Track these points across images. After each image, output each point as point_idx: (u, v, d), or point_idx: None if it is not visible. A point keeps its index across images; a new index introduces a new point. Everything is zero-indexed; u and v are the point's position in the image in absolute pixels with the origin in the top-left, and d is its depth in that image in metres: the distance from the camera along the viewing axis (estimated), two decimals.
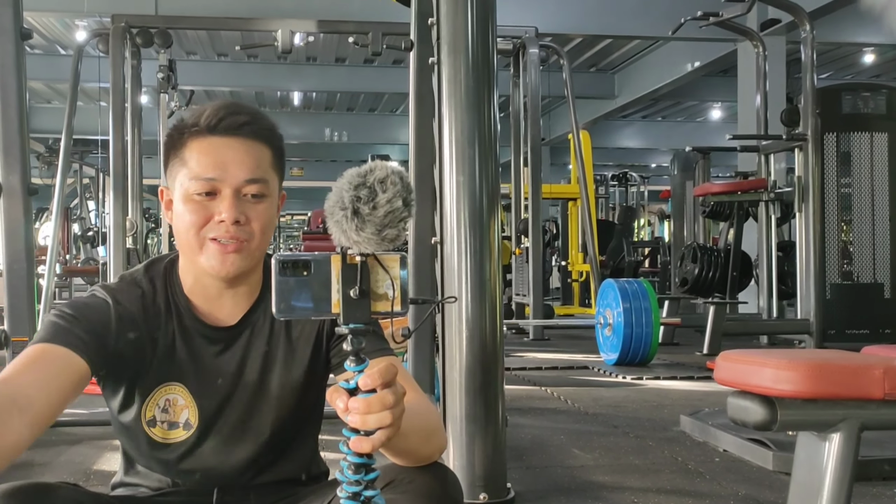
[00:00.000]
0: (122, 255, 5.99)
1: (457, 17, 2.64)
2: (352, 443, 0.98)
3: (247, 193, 1.28)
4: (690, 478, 2.97)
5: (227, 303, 1.34)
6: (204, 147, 1.28)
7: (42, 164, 11.94)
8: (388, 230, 0.95)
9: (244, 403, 1.32)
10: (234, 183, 1.27)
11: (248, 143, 1.29)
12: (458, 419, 2.59)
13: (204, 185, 1.26)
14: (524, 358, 6.38)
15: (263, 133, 1.31)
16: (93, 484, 2.81)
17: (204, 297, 1.34)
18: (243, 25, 7.44)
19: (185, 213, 1.27)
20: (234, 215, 1.26)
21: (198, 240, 1.27)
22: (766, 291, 6.99)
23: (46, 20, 10.88)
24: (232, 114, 1.29)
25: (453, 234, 2.63)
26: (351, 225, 0.94)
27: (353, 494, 1.00)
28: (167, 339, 1.32)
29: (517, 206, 8.12)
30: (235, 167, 1.27)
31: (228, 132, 1.28)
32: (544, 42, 7.84)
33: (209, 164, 1.27)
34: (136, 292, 1.33)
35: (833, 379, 1.42)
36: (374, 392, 0.97)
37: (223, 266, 1.27)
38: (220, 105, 1.30)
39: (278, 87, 14.41)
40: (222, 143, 1.28)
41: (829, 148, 5.96)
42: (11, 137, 2.96)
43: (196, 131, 1.28)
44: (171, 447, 1.32)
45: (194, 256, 1.29)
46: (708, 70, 11.71)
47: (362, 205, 0.94)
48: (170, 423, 1.31)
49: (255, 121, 1.30)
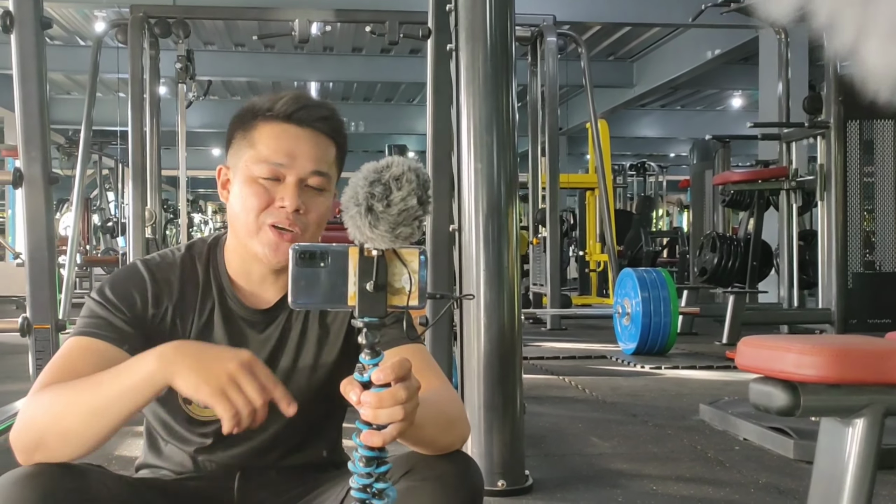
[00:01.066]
0: (141, 245, 6.03)
1: (475, 4, 2.63)
2: (363, 436, 0.98)
3: (309, 184, 1.30)
4: (710, 466, 2.96)
5: (268, 286, 1.36)
6: (276, 132, 1.30)
7: (62, 155, 12.00)
8: (402, 228, 0.94)
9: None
10: (300, 172, 1.29)
11: (318, 136, 1.31)
12: (476, 408, 2.59)
13: (270, 169, 1.28)
14: (542, 347, 6.37)
15: (334, 130, 1.34)
16: (114, 469, 2.83)
17: (246, 279, 1.36)
18: (260, 15, 7.46)
19: (247, 196, 1.29)
20: (296, 203, 1.27)
21: (256, 223, 1.29)
22: (786, 281, 6.94)
23: (66, 11, 10.94)
24: (307, 106, 1.31)
25: (471, 222, 2.63)
26: (364, 221, 0.94)
27: (364, 486, 0.99)
28: (205, 317, 1.34)
29: (535, 196, 8.10)
30: (303, 157, 1.29)
31: (302, 123, 1.30)
32: (562, 30, 7.79)
33: (279, 149, 1.29)
34: (175, 269, 1.35)
35: (858, 364, 1.40)
36: (387, 386, 0.97)
37: (275, 254, 1.29)
38: (296, 94, 1.32)
39: (295, 78, 14.42)
40: (294, 132, 1.30)
41: (851, 136, 5.90)
42: (33, 127, 2.97)
43: (270, 116, 1.30)
44: (207, 423, 1.33)
45: (248, 239, 1.30)
46: (728, 58, 11.59)
47: (376, 202, 0.93)
48: None
49: (329, 117, 1.33)
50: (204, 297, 1.35)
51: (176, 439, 1.37)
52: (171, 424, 1.36)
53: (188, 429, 1.35)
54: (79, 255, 9.49)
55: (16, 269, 11.08)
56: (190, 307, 1.34)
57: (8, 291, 10.67)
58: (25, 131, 2.95)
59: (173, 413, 1.35)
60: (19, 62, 2.91)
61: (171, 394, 1.31)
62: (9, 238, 16.15)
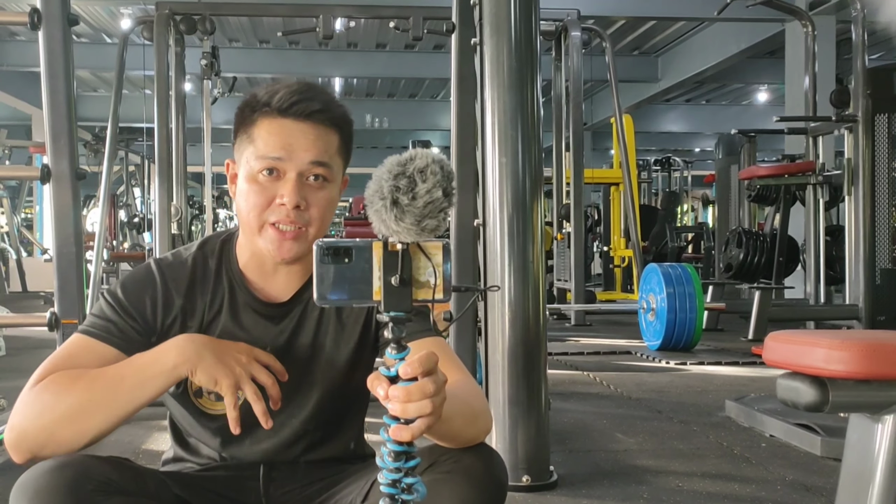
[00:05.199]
0: (167, 241, 6.06)
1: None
2: (392, 431, 0.98)
3: (310, 177, 1.29)
4: (736, 463, 2.94)
5: (281, 279, 1.36)
6: (274, 127, 1.29)
7: (89, 151, 12.13)
8: (428, 220, 0.94)
9: (292, 378, 1.34)
10: (299, 165, 1.28)
11: (317, 127, 1.30)
12: (500, 403, 2.58)
13: (269, 163, 1.28)
14: (566, 343, 6.35)
15: (335, 120, 1.32)
16: (141, 462, 2.85)
17: (259, 273, 1.36)
18: (285, 11, 7.46)
19: (249, 193, 1.29)
20: (296, 199, 1.27)
21: (258, 222, 1.29)
22: (813, 276, 6.86)
23: (92, 9, 11.04)
24: (305, 99, 1.29)
25: (496, 217, 2.62)
26: (390, 215, 0.93)
27: (393, 482, 0.99)
28: (217, 312, 1.34)
29: (559, 192, 8.06)
30: (302, 150, 1.28)
31: (299, 116, 1.29)
32: (587, 25, 7.75)
33: (276, 144, 1.28)
34: (186, 268, 1.35)
35: (888, 359, 1.38)
36: (414, 380, 0.97)
37: (279, 252, 1.29)
38: (294, 87, 1.30)
39: (320, 74, 14.46)
40: (292, 126, 1.29)
41: (879, 130, 5.81)
42: (60, 124, 2.99)
43: (267, 111, 1.29)
44: (219, 418, 1.33)
45: (253, 237, 1.31)
46: (754, 52, 11.49)
47: (401, 195, 0.93)
48: (217, 395, 1.32)
49: (327, 108, 1.31)
50: (215, 291, 1.35)
51: (196, 433, 1.38)
52: (189, 418, 1.37)
53: (201, 423, 1.36)
54: (105, 251, 9.57)
55: (44, 265, 11.22)
56: (200, 303, 1.34)
57: (37, 287, 10.80)
58: (53, 128, 2.97)
59: (187, 407, 1.36)
60: (47, 59, 2.93)
61: (182, 389, 1.32)
62: (37, 234, 16.33)
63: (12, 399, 1.25)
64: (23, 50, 12.22)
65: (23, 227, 14.50)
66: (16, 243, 11.82)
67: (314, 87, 1.33)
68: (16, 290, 11.03)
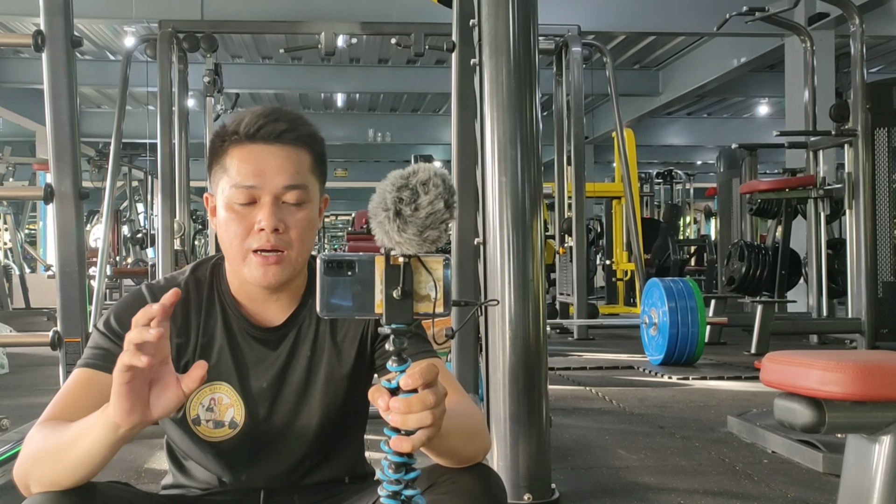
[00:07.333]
0: (170, 257, 6.09)
1: (498, 18, 2.64)
2: (393, 442, 0.99)
3: (286, 200, 1.29)
4: (738, 479, 2.94)
5: (272, 305, 1.36)
6: (243, 155, 1.29)
7: (93, 167, 12.17)
8: (430, 231, 0.95)
9: (290, 403, 1.34)
10: (273, 190, 1.27)
11: (287, 149, 1.29)
12: (501, 419, 2.59)
13: (244, 193, 1.27)
14: (568, 357, 6.35)
15: (303, 139, 1.31)
16: (143, 482, 2.86)
17: (249, 300, 1.36)
18: (287, 28, 7.53)
19: (228, 223, 1.29)
20: (273, 223, 1.26)
21: (241, 251, 1.29)
22: (815, 290, 6.87)
23: (96, 27, 11.10)
24: (271, 121, 1.29)
25: (496, 235, 2.63)
26: (393, 226, 0.95)
27: (393, 493, 1.00)
28: (211, 338, 1.35)
29: (561, 205, 8.08)
30: (274, 174, 1.28)
31: (268, 140, 1.29)
32: (587, 40, 7.79)
33: (248, 172, 1.27)
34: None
35: (882, 381, 1.39)
36: (415, 392, 0.98)
37: (264, 278, 1.29)
38: (259, 112, 1.30)
39: (322, 89, 14.51)
40: (261, 151, 1.28)
41: (879, 143, 5.84)
42: (63, 143, 3.01)
43: (236, 139, 1.29)
44: (217, 445, 1.34)
45: (238, 267, 1.31)
46: (754, 66, 11.51)
47: (404, 206, 0.95)
48: (215, 422, 1.33)
49: (294, 127, 1.30)
50: (208, 315, 1.35)
51: (195, 457, 1.39)
52: (188, 442, 1.37)
53: (201, 448, 1.36)
54: (109, 267, 9.60)
55: (47, 281, 11.24)
56: (192, 328, 1.34)
57: (40, 303, 10.83)
58: (56, 147, 2.99)
59: (186, 432, 1.36)
60: (50, 79, 2.95)
61: (181, 415, 1.32)
62: (40, 250, 16.37)
63: (15, 417, 1.26)
64: (26, 67, 12.29)
65: (26, 243, 14.54)
66: (19, 259, 11.86)
67: (280, 110, 1.33)
68: (19, 306, 11.05)
